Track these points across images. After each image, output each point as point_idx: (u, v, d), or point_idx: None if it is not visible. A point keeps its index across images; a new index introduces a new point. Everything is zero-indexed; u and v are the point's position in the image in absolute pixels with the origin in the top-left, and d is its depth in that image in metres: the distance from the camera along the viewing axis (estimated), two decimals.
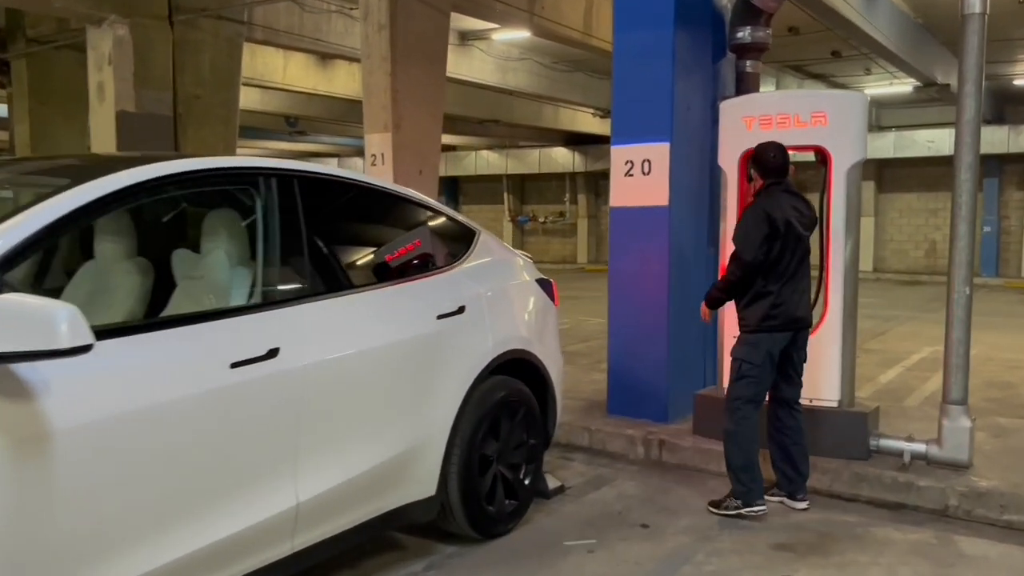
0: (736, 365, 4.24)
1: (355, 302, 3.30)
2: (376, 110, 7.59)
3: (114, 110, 8.40)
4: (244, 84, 14.46)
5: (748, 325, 4.22)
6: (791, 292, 4.21)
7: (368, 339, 3.26)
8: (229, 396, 2.71)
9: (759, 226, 4.11)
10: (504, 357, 3.94)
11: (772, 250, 4.13)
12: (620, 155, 5.58)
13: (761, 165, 4.30)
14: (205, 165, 2.99)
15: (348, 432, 3.17)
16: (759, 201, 4.23)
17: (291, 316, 3.00)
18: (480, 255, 4.11)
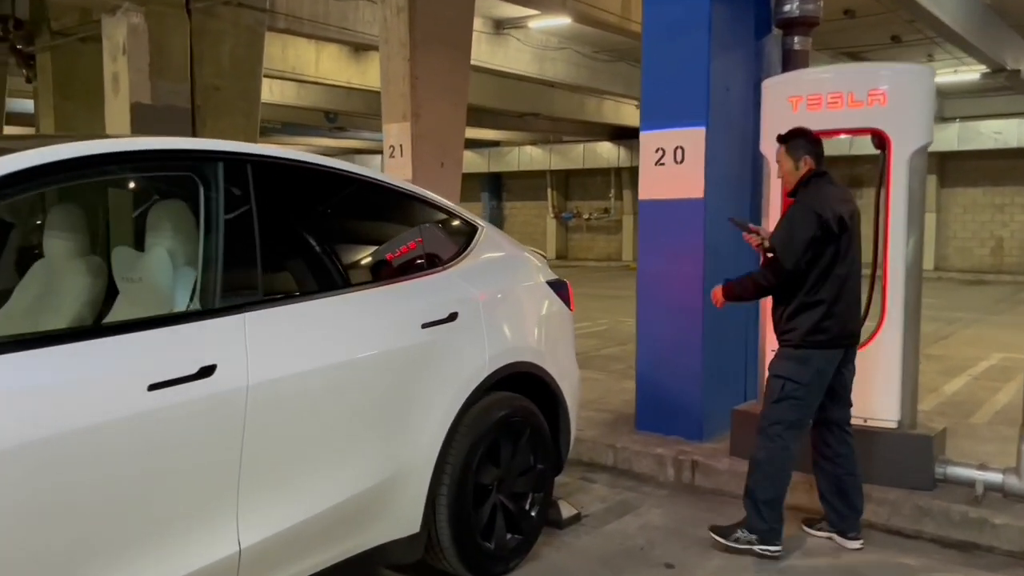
0: (778, 384, 3.63)
1: (320, 309, 2.81)
2: (394, 99, 7.13)
3: (129, 102, 8.07)
4: (276, 78, 14.22)
5: (791, 339, 3.62)
6: (846, 303, 3.62)
7: (333, 353, 2.76)
8: (144, 425, 2.24)
9: (806, 227, 3.51)
10: (506, 371, 3.43)
11: (821, 255, 3.53)
12: (650, 141, 5.02)
13: (808, 147, 3.70)
14: (132, 147, 2.53)
15: (306, 464, 2.68)
16: (805, 195, 3.63)
17: (235, 326, 2.52)
18: (480, 253, 3.60)
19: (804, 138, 3.74)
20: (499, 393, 3.44)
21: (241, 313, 2.55)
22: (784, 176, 3.79)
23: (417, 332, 3.07)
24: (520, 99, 17.79)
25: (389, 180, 3.28)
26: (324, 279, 3.03)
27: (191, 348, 2.39)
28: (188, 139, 2.69)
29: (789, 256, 3.51)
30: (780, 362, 3.66)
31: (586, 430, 5.24)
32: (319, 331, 2.76)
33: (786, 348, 3.65)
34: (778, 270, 3.56)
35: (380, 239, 3.28)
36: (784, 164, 3.76)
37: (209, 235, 2.58)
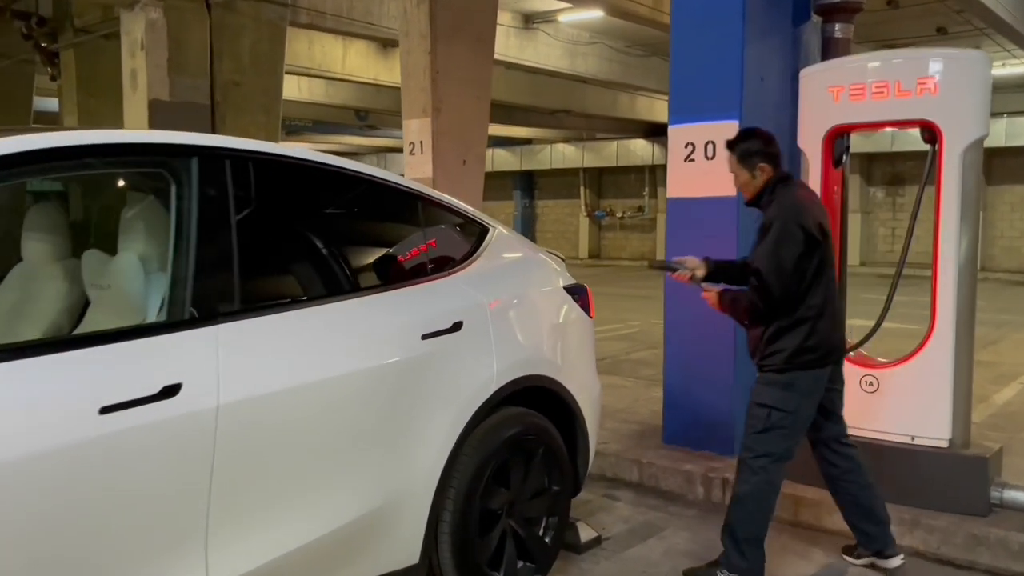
0: (762, 414, 3.24)
1: (306, 320, 2.55)
2: (414, 93, 6.88)
3: (147, 98, 7.91)
4: (302, 75, 14.08)
5: (774, 363, 3.23)
6: (830, 316, 3.25)
7: (320, 368, 2.50)
8: (94, 452, 1.99)
9: (792, 245, 3.10)
10: (517, 385, 3.15)
11: (808, 270, 3.15)
12: (679, 136, 4.69)
13: (762, 150, 3.31)
14: (90, 140, 2.27)
15: (287, 492, 2.42)
16: (780, 208, 3.20)
17: (206, 340, 2.26)
18: (491, 257, 3.32)
19: (755, 140, 3.34)
20: (510, 409, 3.16)
21: (214, 325, 2.29)
22: (740, 188, 3.41)
23: (416, 344, 2.80)
24: (551, 95, 17.49)
25: (388, 177, 3.01)
26: (313, 286, 2.76)
27: (152, 365, 2.14)
28: (160, 132, 2.44)
29: (777, 282, 3.11)
30: (763, 388, 3.27)
31: (610, 443, 4.94)
32: (305, 344, 2.49)
33: (769, 373, 3.26)
34: (768, 297, 3.16)
35: (378, 241, 3.01)
36: (738, 176, 3.37)
37: (180, 238, 2.33)
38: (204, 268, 2.33)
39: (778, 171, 3.33)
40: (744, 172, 3.34)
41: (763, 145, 3.32)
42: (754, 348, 3.34)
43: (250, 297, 2.46)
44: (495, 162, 29.25)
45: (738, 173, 3.37)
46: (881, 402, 3.99)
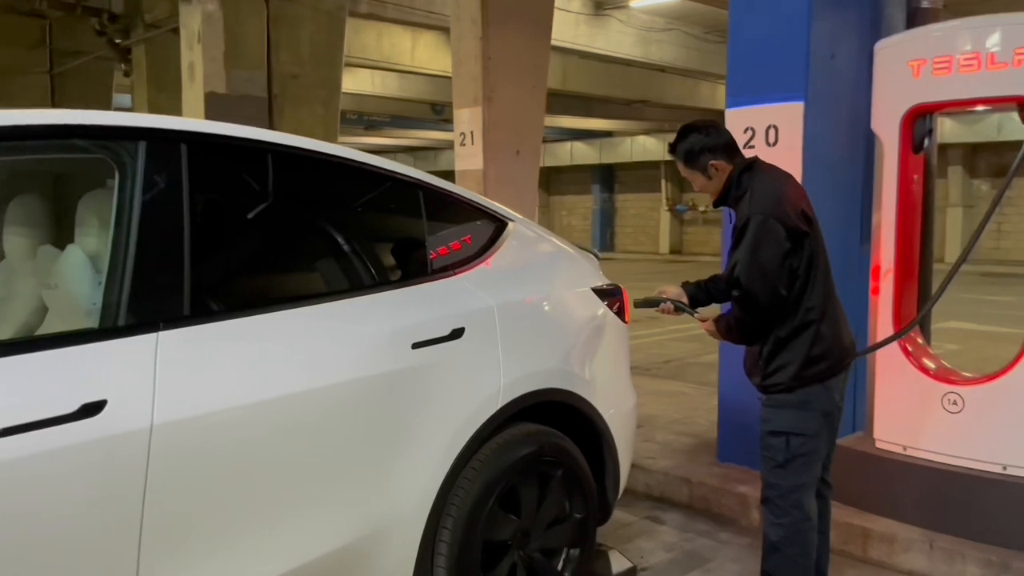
0: (779, 443, 2.76)
1: (270, 326, 2.23)
2: (465, 82, 6.56)
3: (203, 92, 7.83)
4: (369, 67, 13.97)
5: (781, 382, 2.75)
6: (833, 313, 2.79)
7: (284, 381, 2.18)
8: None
9: (772, 242, 2.63)
10: (528, 400, 2.78)
11: (799, 267, 2.69)
12: (737, 120, 4.22)
13: (709, 144, 2.81)
14: (19, 121, 2.00)
15: (239, 527, 2.11)
16: (752, 202, 2.71)
17: (141, 349, 1.97)
18: (507, 254, 2.96)
19: (696, 135, 2.83)
20: (521, 427, 2.79)
21: (152, 332, 2.00)
22: (701, 191, 2.94)
23: (405, 353, 2.46)
24: (629, 85, 16.96)
25: (380, 164, 2.66)
26: (283, 288, 2.44)
27: (72, 379, 1.86)
28: (107, 113, 2.16)
29: (763, 288, 2.65)
30: (774, 413, 2.79)
31: (659, 458, 4.52)
32: (266, 354, 2.18)
33: (777, 394, 2.78)
34: (754, 307, 2.70)
35: (365, 236, 2.67)
36: (694, 181, 2.91)
37: (119, 233, 2.05)
38: (145, 267, 2.04)
39: (737, 161, 2.85)
40: (696, 175, 2.86)
41: (707, 138, 2.81)
42: (752, 366, 2.85)
43: (204, 301, 2.17)
44: (573, 155, 28.81)
45: (690, 178, 2.91)
46: (967, 424, 3.46)
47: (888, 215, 3.77)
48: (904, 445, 3.65)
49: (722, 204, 2.90)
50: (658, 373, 7.56)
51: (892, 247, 3.80)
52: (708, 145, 2.81)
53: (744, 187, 2.78)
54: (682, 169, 2.92)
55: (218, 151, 2.29)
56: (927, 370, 3.61)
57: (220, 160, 2.30)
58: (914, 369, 3.62)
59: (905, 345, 3.66)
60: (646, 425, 5.16)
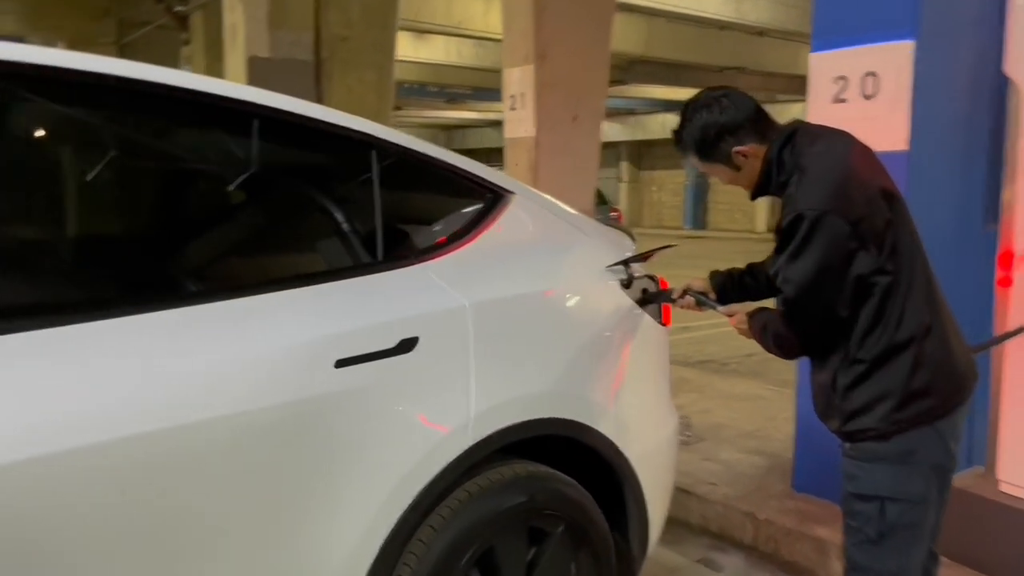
0: (872, 511, 1.95)
1: (109, 337, 1.57)
2: (515, 37, 5.81)
3: (244, 56, 7.32)
4: (439, 33, 13.32)
5: (870, 426, 1.94)
6: (941, 328, 1.97)
7: (124, 419, 1.52)
8: None
9: (830, 248, 1.85)
10: (515, 434, 2.06)
11: (882, 267, 1.89)
12: (825, 66, 3.35)
13: (727, 124, 2.01)
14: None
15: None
16: (798, 188, 1.92)
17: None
18: (497, 236, 2.23)
19: (705, 113, 2.03)
20: (506, 469, 2.08)
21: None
22: (732, 183, 2.14)
23: (323, 375, 1.76)
24: (722, 51, 15.83)
25: (294, 107, 1.94)
26: (131, 281, 1.76)
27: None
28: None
29: (815, 308, 1.93)
30: (862, 470, 1.97)
31: (721, 484, 3.72)
32: (96, 379, 1.52)
33: (865, 444, 1.97)
34: (802, 329, 1.98)
35: (281, 213, 1.98)
36: (720, 175, 2.13)
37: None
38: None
39: (771, 137, 2.02)
40: (719, 168, 2.10)
41: (722, 116, 2.01)
42: (825, 406, 2.06)
43: (34, 296, 1.53)
44: (666, 128, 27.55)
45: (712, 172, 2.14)
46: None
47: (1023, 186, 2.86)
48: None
49: (763, 194, 2.12)
50: (737, 369, 6.69)
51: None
52: (727, 125, 2.01)
53: (789, 169, 1.98)
54: (698, 165, 2.13)
55: (55, 92, 1.63)
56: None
57: (51, 102, 1.64)
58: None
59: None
60: (710, 438, 4.36)
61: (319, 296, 1.84)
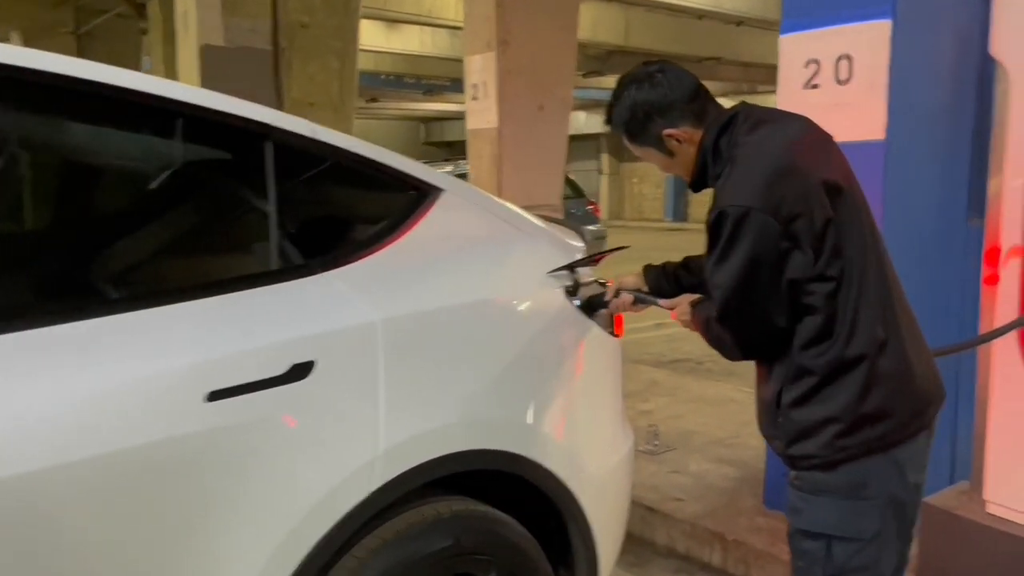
0: (817, 549, 1.70)
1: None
2: (477, 23, 5.51)
3: (197, 44, 6.98)
4: (410, 22, 12.98)
5: (814, 453, 1.69)
6: (898, 333, 1.70)
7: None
8: None
9: (757, 250, 1.60)
10: (435, 470, 1.79)
11: (824, 273, 1.63)
12: (796, 48, 3.09)
13: (668, 100, 1.75)
14: None
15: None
16: (726, 182, 1.69)
17: None
18: (419, 239, 1.94)
19: (636, 89, 1.77)
20: (429, 509, 1.80)
21: None
22: (668, 170, 1.90)
23: (192, 410, 1.48)
24: (699, 41, 15.56)
25: (170, 92, 1.64)
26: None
27: None
28: None
29: (749, 321, 1.69)
30: (806, 502, 1.72)
31: (689, 500, 3.47)
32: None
33: (811, 473, 1.71)
34: (739, 341, 1.74)
35: (128, 208, 1.69)
36: (653, 160, 1.87)
37: None
38: None
39: (708, 121, 1.77)
40: (651, 152, 1.84)
41: (653, 92, 1.76)
42: (767, 422, 1.79)
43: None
44: None
45: (644, 156, 1.87)
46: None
47: (1015, 178, 2.61)
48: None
49: (702, 188, 1.85)
50: (712, 368, 6.43)
51: (1019, 221, 2.64)
52: (657, 104, 1.75)
53: (724, 159, 1.74)
54: (629, 147, 1.87)
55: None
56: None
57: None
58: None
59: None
60: (680, 447, 4.11)
61: (193, 315, 1.55)
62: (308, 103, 7.76)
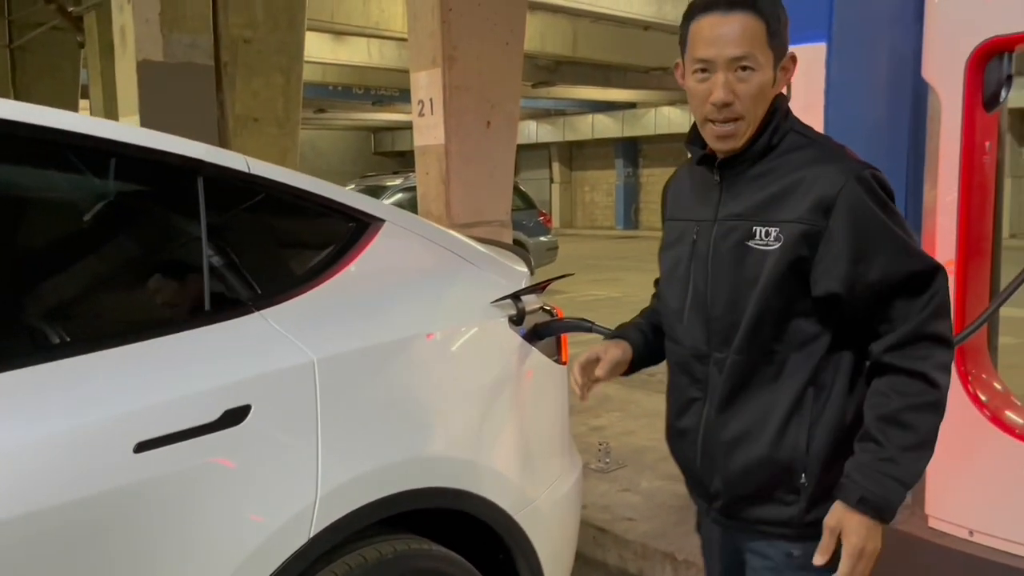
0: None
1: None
2: (422, 39, 5.46)
3: (135, 60, 6.82)
4: (357, 35, 12.89)
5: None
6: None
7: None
8: None
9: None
10: (375, 512, 1.75)
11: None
12: None
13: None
14: None
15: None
16: (830, 152, 1.54)
17: None
18: (358, 273, 1.91)
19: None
20: (372, 548, 1.76)
21: None
22: (728, 106, 1.44)
23: (119, 463, 1.42)
24: (645, 51, 15.68)
25: (119, 135, 1.57)
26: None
27: None
28: None
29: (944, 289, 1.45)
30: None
31: (640, 519, 3.47)
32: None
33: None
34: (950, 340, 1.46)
35: (67, 252, 1.63)
36: (744, 82, 1.44)
37: None
38: None
39: None
40: (764, 66, 1.44)
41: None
42: (776, 477, 1.50)
43: None
44: (595, 128, 27.55)
45: (746, 64, 1.43)
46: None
47: (947, 194, 2.67)
48: (971, 528, 2.57)
49: (748, 155, 1.48)
50: (663, 381, 6.47)
51: (953, 236, 2.70)
52: (787, 23, 1.49)
53: (792, 124, 1.51)
54: (748, 43, 1.41)
55: None
56: (1008, 425, 2.51)
57: None
58: (987, 422, 2.53)
59: (974, 389, 2.56)
60: (631, 464, 4.11)
61: (119, 361, 1.50)
62: (252, 118, 7.66)
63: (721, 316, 1.51)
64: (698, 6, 1.48)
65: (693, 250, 1.56)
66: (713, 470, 1.56)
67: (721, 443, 1.53)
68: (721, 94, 1.42)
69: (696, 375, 1.57)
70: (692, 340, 1.57)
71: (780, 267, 1.43)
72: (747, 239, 1.47)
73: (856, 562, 1.35)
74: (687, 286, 1.57)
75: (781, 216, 1.44)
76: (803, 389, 1.46)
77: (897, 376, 1.40)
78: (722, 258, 1.50)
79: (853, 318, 1.44)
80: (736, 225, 1.49)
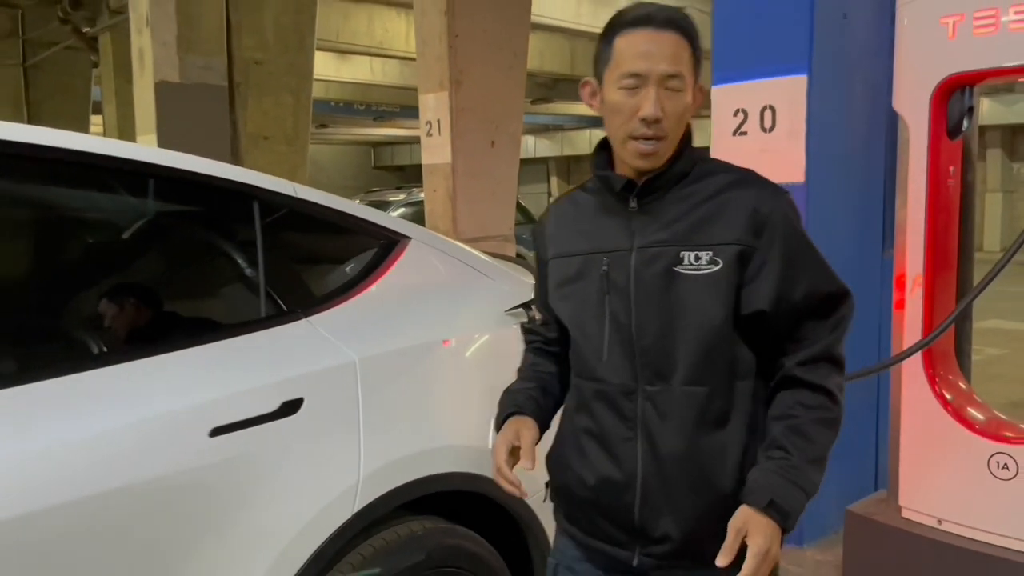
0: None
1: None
2: (430, 63, 5.76)
3: (153, 81, 7.10)
4: (362, 53, 13.19)
5: None
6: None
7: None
8: None
9: None
10: (408, 493, 2.00)
11: None
12: (726, 100, 3.38)
13: None
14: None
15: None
16: (753, 180, 1.53)
17: None
18: (391, 285, 2.18)
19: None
20: (402, 527, 2.01)
21: None
22: (655, 125, 1.43)
23: (196, 446, 1.68)
24: None
25: (170, 161, 1.84)
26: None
27: None
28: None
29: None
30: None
31: None
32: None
33: None
34: None
35: (124, 262, 1.90)
36: (671, 102, 1.43)
37: None
38: None
39: None
40: (686, 89, 1.45)
41: None
42: (716, 508, 1.44)
43: None
44: (593, 143, 27.78)
45: (673, 88, 1.43)
46: (1022, 495, 2.63)
47: (916, 214, 2.93)
48: (939, 517, 2.82)
49: (666, 178, 1.48)
50: None
51: (921, 251, 2.96)
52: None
53: (697, 160, 1.51)
54: (677, 63, 1.42)
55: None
56: (969, 422, 2.77)
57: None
58: (952, 419, 2.79)
59: (941, 390, 2.82)
60: None
61: (194, 360, 1.76)
62: (263, 136, 7.93)
63: (651, 347, 1.45)
64: (626, 22, 1.44)
65: (606, 282, 1.49)
66: (659, 515, 1.45)
67: (675, 483, 1.44)
68: (652, 109, 1.40)
69: (624, 412, 1.47)
70: (618, 376, 1.48)
71: (720, 289, 1.43)
72: (675, 264, 1.44)
73: (760, 563, 1.33)
74: (602, 321, 1.49)
75: (714, 239, 1.43)
76: (753, 415, 1.47)
77: (804, 390, 1.45)
78: (647, 287, 1.45)
79: (768, 338, 1.47)
80: (661, 252, 1.45)
